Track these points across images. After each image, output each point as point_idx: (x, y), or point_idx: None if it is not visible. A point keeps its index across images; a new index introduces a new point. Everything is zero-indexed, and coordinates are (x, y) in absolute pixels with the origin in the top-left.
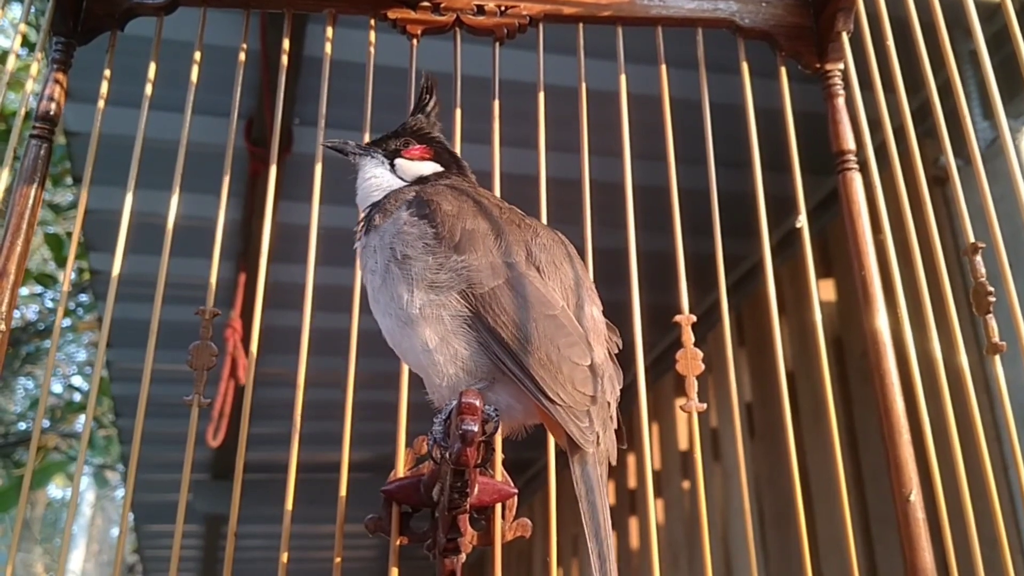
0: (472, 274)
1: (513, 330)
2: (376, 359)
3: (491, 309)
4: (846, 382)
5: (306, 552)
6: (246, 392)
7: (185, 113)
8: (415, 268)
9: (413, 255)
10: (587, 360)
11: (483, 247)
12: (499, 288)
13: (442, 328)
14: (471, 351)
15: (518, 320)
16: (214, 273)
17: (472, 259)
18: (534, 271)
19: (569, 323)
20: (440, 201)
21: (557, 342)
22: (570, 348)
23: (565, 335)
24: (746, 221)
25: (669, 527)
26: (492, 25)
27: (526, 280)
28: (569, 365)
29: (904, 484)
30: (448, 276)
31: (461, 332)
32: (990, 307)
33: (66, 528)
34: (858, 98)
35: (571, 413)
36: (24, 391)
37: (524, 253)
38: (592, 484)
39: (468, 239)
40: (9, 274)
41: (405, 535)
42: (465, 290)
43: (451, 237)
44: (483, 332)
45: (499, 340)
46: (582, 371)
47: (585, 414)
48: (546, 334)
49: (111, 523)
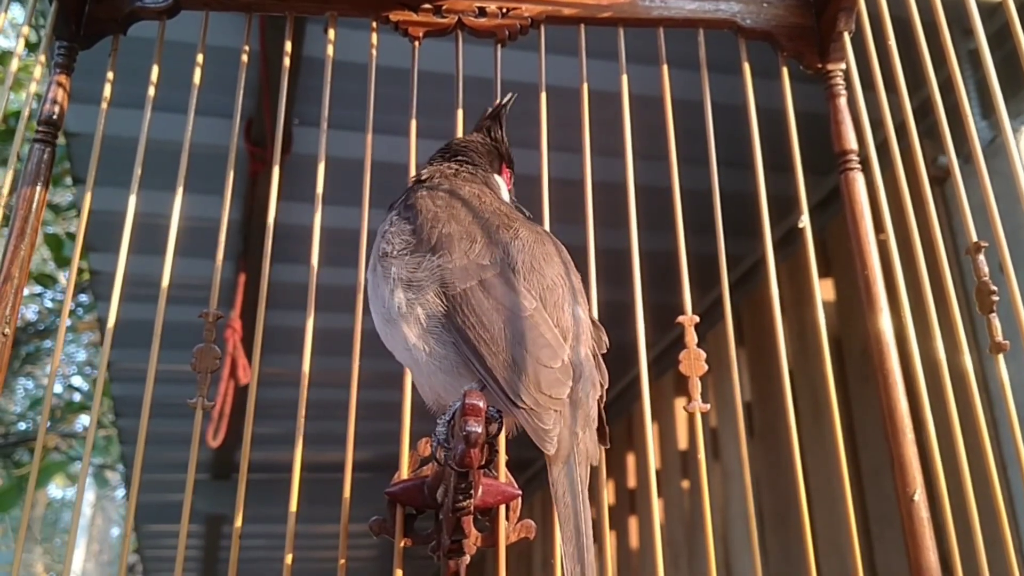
0: (445, 274)
1: (480, 331)
2: (377, 359)
3: (461, 310)
4: (845, 381)
5: (306, 552)
6: (249, 392)
7: (188, 115)
8: (395, 267)
9: (393, 254)
10: (557, 362)
11: (459, 249)
12: (470, 290)
13: (419, 327)
14: (447, 351)
15: (486, 322)
16: (217, 275)
17: (446, 260)
18: (510, 273)
19: (541, 325)
20: (425, 202)
21: (525, 344)
22: (539, 350)
23: (535, 336)
24: (744, 221)
25: (669, 527)
26: (493, 27)
27: (499, 282)
28: (536, 367)
29: (908, 483)
30: (424, 275)
31: (436, 331)
32: (993, 306)
33: (72, 528)
34: (860, 98)
35: (534, 416)
36: (24, 391)
37: (501, 255)
38: (568, 486)
39: (445, 240)
40: (13, 278)
41: (409, 537)
42: (440, 290)
43: (429, 238)
44: (454, 332)
45: (467, 341)
46: (550, 373)
47: (551, 417)
48: (514, 336)
49: (111, 523)
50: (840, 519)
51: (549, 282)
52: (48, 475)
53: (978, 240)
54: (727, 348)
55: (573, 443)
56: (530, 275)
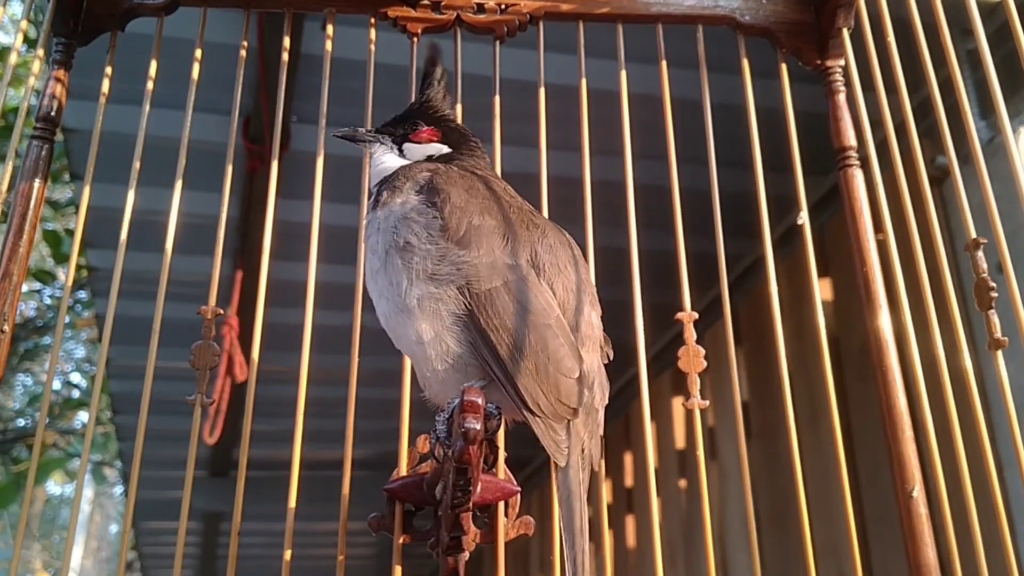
0: (471, 271)
1: (504, 335)
2: (376, 357)
3: (485, 310)
4: (842, 381)
5: (304, 550)
6: (248, 389)
7: (187, 111)
8: (416, 257)
9: (416, 244)
10: (576, 372)
11: (487, 245)
12: (496, 290)
13: (438, 323)
14: (463, 350)
15: (511, 325)
16: (216, 272)
17: (473, 256)
18: (535, 275)
19: (563, 332)
20: (451, 191)
21: (547, 352)
22: (560, 360)
23: (557, 346)
24: (743, 220)
25: (666, 526)
26: (492, 23)
27: (525, 285)
28: (556, 377)
29: (907, 480)
30: (449, 269)
31: (455, 330)
32: (992, 303)
33: (70, 525)
34: (859, 95)
35: (548, 425)
36: (23, 387)
37: (528, 255)
38: (572, 489)
39: (473, 235)
40: (11, 275)
41: (408, 533)
42: (463, 286)
43: (456, 230)
44: (475, 333)
45: (488, 343)
46: (568, 383)
47: (564, 426)
48: (537, 343)
49: (109, 520)
50: (838, 519)
51: (572, 286)
52: (47, 472)
53: (976, 236)
54: (726, 347)
55: (580, 449)
56: (555, 278)
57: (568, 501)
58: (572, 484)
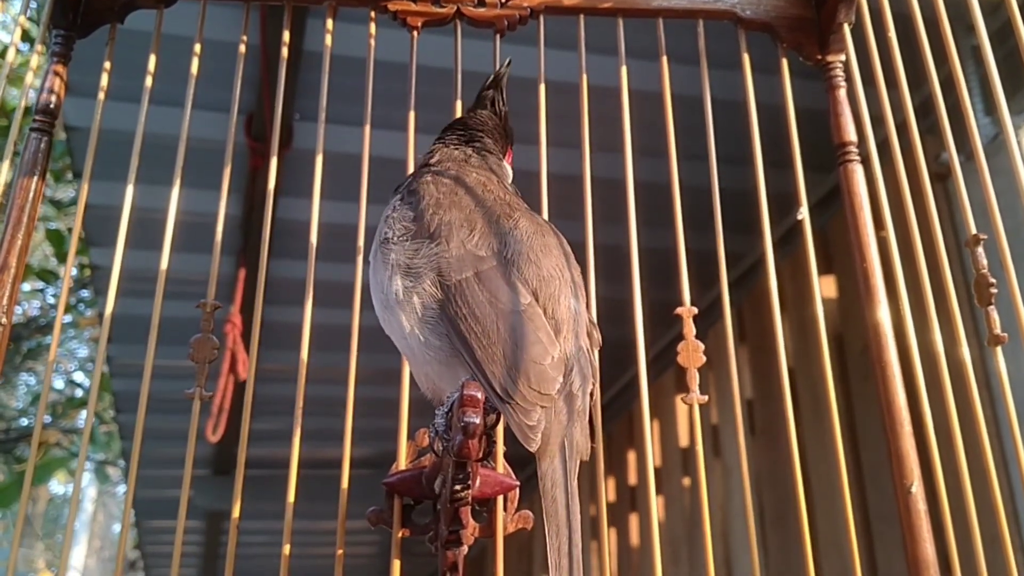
0: (442, 263)
1: (472, 324)
2: (376, 355)
3: (455, 300)
4: (846, 379)
5: (306, 548)
6: (247, 387)
7: (185, 107)
8: (394, 252)
9: (393, 239)
10: (548, 358)
11: (456, 237)
12: (465, 281)
13: (416, 316)
14: (440, 342)
15: (479, 314)
16: (215, 265)
17: (443, 249)
18: (506, 265)
19: (535, 319)
20: (428, 188)
21: (516, 339)
22: (531, 346)
23: (527, 332)
24: (745, 218)
25: (669, 523)
26: (493, 17)
27: (494, 274)
28: (526, 364)
29: (906, 476)
30: (422, 263)
31: (431, 321)
32: (992, 298)
33: (68, 524)
34: (859, 90)
35: (519, 411)
36: (26, 387)
37: (498, 246)
38: (557, 479)
39: (444, 228)
40: (10, 267)
41: (407, 527)
42: (436, 279)
43: (428, 225)
44: (446, 323)
45: (458, 332)
46: (539, 369)
47: (536, 413)
48: (506, 331)
49: (112, 519)
50: (840, 517)
51: (546, 274)
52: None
53: (977, 232)
54: (727, 345)
55: (561, 437)
56: (526, 267)
57: (553, 491)
58: (555, 473)
